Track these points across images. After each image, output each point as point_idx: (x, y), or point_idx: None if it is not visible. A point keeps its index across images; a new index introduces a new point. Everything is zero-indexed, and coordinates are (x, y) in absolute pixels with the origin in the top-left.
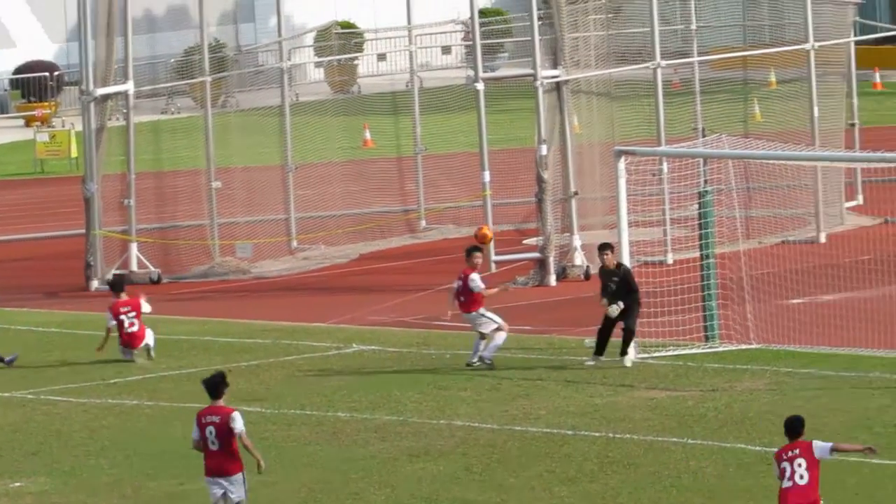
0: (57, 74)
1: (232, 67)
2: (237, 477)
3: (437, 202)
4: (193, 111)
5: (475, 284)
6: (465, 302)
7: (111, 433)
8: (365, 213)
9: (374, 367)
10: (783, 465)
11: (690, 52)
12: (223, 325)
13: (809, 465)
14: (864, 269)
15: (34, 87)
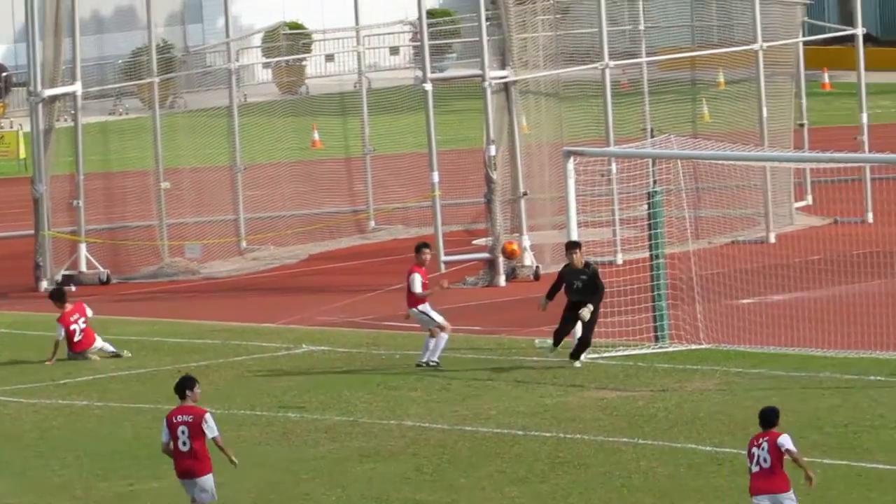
0: (4, 76)
1: (180, 68)
2: (206, 479)
3: (386, 203)
4: (141, 112)
5: (412, 284)
6: (409, 298)
7: (61, 434)
8: (314, 213)
9: (323, 367)
10: (752, 450)
11: (639, 52)
12: (172, 325)
13: (771, 450)
14: (813, 269)
15: None
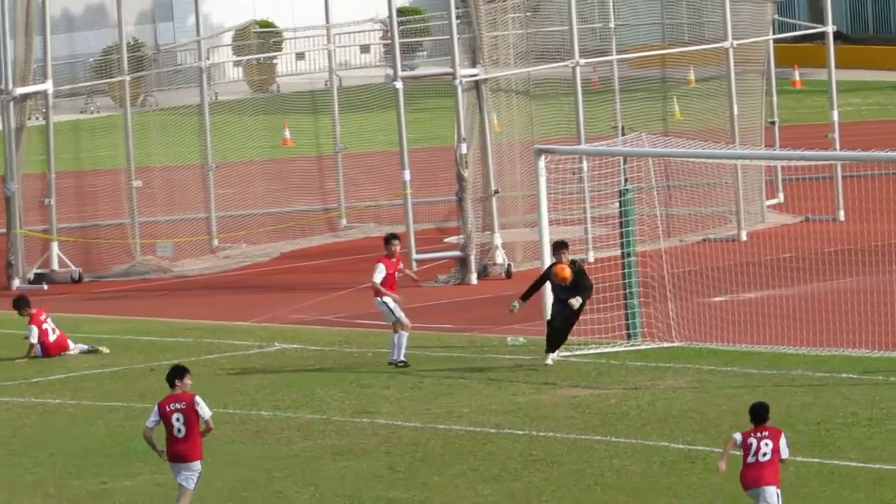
0: None
1: (151, 66)
2: (195, 464)
3: (357, 201)
4: (113, 110)
5: (373, 273)
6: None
7: (34, 432)
8: (285, 211)
9: (296, 365)
10: (750, 440)
11: (609, 50)
12: (145, 323)
13: (774, 449)
14: (785, 266)
15: None
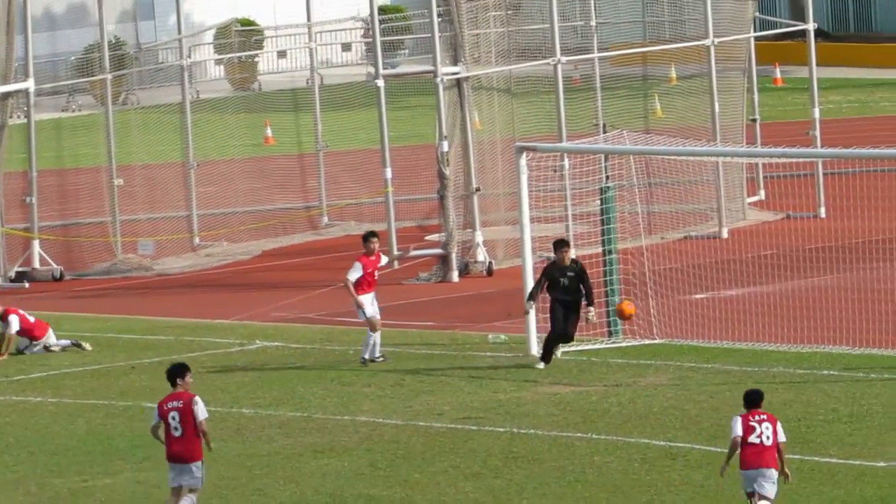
0: None
1: (132, 65)
2: (196, 465)
3: (338, 199)
4: (94, 109)
5: (349, 272)
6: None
7: (15, 430)
8: (267, 209)
9: (277, 363)
10: (752, 423)
11: (590, 48)
12: (126, 321)
13: (774, 432)
14: (766, 264)
15: None
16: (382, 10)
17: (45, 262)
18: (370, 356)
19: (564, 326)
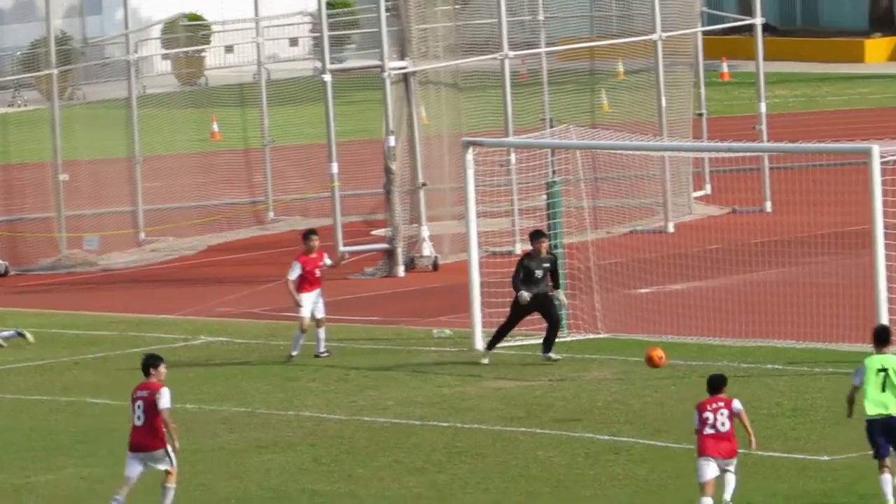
0: None
1: (79, 60)
2: (159, 452)
3: (284, 194)
4: (40, 104)
5: (289, 273)
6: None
7: None
8: (213, 204)
9: (221, 358)
10: (706, 414)
11: (538, 42)
12: (70, 317)
13: (730, 416)
14: (711, 258)
15: None
16: (330, 4)
17: None
18: (316, 352)
19: (550, 313)
